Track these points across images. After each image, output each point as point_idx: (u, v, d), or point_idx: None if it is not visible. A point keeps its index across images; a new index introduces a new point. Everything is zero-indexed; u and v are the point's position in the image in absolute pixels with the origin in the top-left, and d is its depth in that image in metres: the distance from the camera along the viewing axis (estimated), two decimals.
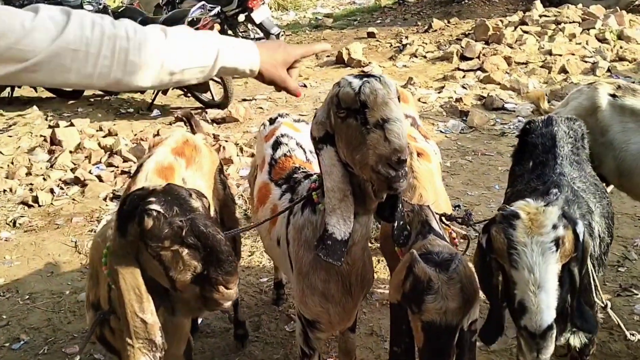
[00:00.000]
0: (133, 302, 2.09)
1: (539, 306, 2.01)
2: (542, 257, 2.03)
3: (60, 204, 6.00)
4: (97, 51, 1.51)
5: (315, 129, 2.31)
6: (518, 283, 2.07)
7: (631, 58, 8.91)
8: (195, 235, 1.98)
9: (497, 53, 9.39)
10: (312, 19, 14.52)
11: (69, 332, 4.14)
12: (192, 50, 1.72)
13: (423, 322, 2.12)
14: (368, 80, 2.09)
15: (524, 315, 2.04)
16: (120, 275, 2.08)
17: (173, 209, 2.00)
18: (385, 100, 2.05)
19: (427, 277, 2.09)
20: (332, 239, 2.27)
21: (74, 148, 7.11)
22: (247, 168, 6.26)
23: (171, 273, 2.02)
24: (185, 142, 3.21)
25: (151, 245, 1.99)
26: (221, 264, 2.00)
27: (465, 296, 2.11)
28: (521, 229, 2.08)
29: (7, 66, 1.40)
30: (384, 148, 1.99)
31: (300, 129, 3.39)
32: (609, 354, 3.60)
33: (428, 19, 12.41)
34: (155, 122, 8.26)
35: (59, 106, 9.07)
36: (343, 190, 2.26)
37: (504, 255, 2.12)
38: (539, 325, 2.01)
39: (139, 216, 1.98)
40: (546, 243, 2.04)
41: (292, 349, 3.86)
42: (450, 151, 6.61)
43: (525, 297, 2.04)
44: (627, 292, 4.13)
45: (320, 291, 2.59)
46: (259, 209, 3.09)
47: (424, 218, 2.53)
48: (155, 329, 2.14)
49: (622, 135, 3.48)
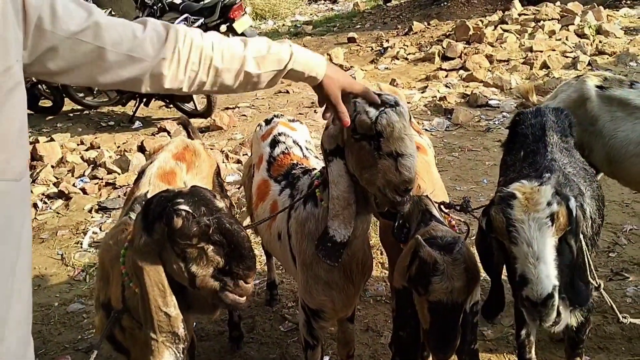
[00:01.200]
0: (157, 297, 2.20)
1: (539, 276, 2.11)
2: (539, 232, 2.15)
3: (45, 218, 5.94)
4: (187, 59, 1.72)
5: (327, 141, 2.41)
6: (518, 257, 2.18)
7: (611, 51, 9.04)
8: (222, 232, 2.10)
9: (478, 52, 9.49)
10: (291, 27, 14.54)
11: (60, 343, 4.10)
12: (268, 55, 1.91)
13: (430, 302, 2.20)
14: (385, 111, 2.17)
15: (526, 286, 2.14)
16: (145, 272, 2.18)
17: (200, 208, 2.12)
18: (401, 136, 2.16)
19: (432, 259, 2.18)
20: (332, 242, 2.41)
21: (55, 163, 7.06)
22: (233, 174, 6.30)
23: (194, 269, 2.13)
24: (185, 148, 3.31)
25: (180, 242, 2.10)
26: (243, 259, 2.12)
27: (469, 276, 2.21)
28: (518, 208, 2.20)
29: (124, 71, 1.58)
30: (394, 177, 2.14)
31: (296, 128, 3.50)
32: (603, 336, 3.65)
33: (408, 22, 12.48)
34: (137, 133, 8.24)
35: (38, 122, 9.01)
36: (347, 199, 2.40)
37: (504, 233, 2.23)
38: (540, 294, 2.10)
39: (168, 216, 2.09)
40: (542, 219, 2.16)
41: (288, 348, 3.85)
42: (437, 148, 6.57)
43: (526, 270, 2.14)
44: (618, 276, 4.19)
45: (324, 280, 2.70)
46: (258, 205, 3.16)
47: (424, 207, 2.61)
48: (179, 321, 2.25)
49: (611, 124, 3.61)
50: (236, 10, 9.26)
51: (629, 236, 4.65)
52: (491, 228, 2.30)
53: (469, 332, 2.39)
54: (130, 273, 2.29)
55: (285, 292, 4.43)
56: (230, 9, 9.22)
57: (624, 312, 3.61)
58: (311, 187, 2.69)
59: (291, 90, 9.29)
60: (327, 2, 17.68)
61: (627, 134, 3.52)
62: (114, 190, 6.32)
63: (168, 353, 2.25)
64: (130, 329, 2.43)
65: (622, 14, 11.13)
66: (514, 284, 2.24)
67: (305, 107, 8.38)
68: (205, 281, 2.14)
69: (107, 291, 2.49)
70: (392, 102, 2.21)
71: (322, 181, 2.56)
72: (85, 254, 5.18)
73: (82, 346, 4.04)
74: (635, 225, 4.78)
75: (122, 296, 2.39)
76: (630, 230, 4.72)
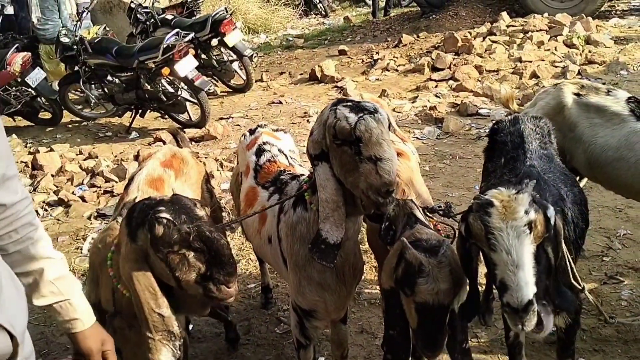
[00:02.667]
0: (149, 300, 2.28)
1: (518, 283, 2.14)
2: (518, 240, 2.18)
3: (45, 225, 5.98)
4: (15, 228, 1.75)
5: (312, 147, 2.49)
6: (498, 264, 2.21)
7: (600, 61, 9.10)
8: (202, 240, 2.19)
9: (467, 63, 9.56)
10: (282, 40, 14.67)
11: (62, 343, 4.17)
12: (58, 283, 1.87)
13: (417, 303, 2.28)
14: (363, 117, 2.27)
15: (506, 292, 2.17)
16: (134, 277, 2.27)
17: (181, 216, 2.21)
18: (379, 141, 2.25)
19: (418, 261, 2.25)
20: (326, 244, 2.47)
21: (55, 172, 7.15)
22: (227, 182, 6.34)
23: (177, 273, 2.22)
24: (173, 156, 3.37)
25: (161, 249, 2.19)
26: (224, 266, 2.21)
27: (454, 278, 2.28)
28: (496, 216, 2.22)
29: None
30: (375, 180, 2.22)
31: (280, 137, 3.57)
32: (599, 339, 3.69)
33: (397, 34, 12.55)
34: (134, 143, 8.32)
35: (38, 133, 9.12)
36: (336, 201, 2.46)
37: (483, 240, 2.26)
38: (520, 300, 2.13)
39: (150, 223, 2.18)
40: (520, 227, 2.18)
41: (284, 350, 3.92)
42: (428, 156, 6.72)
43: (505, 277, 2.17)
44: (613, 280, 4.24)
45: (317, 281, 2.74)
46: (246, 211, 3.21)
47: (409, 211, 2.68)
48: (172, 320, 2.34)
49: (590, 130, 3.69)
50: (227, 25, 9.43)
51: (623, 241, 4.70)
52: (470, 234, 2.33)
53: (459, 332, 2.46)
54: (118, 276, 2.38)
55: (281, 296, 4.50)
56: (220, 23, 9.40)
57: (620, 314, 3.80)
58: (300, 190, 2.75)
59: (284, 100, 9.39)
60: (319, 16, 17.80)
61: (606, 140, 3.60)
62: (112, 197, 6.40)
63: (165, 350, 2.34)
64: (120, 329, 2.51)
65: (612, 24, 11.21)
66: (497, 288, 2.26)
67: (298, 117, 8.47)
68: (190, 285, 2.24)
69: (97, 292, 2.57)
70: (371, 109, 2.31)
71: (310, 185, 2.63)
72: (85, 259, 5.19)
73: None
74: (629, 230, 4.83)
75: (112, 298, 2.48)
76: (624, 235, 4.77)
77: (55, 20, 9.74)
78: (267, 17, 16.23)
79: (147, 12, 10.18)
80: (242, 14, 15.25)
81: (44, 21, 9.77)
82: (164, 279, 2.29)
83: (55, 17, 9.76)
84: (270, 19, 16.25)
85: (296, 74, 11.09)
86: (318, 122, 2.49)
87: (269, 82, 10.70)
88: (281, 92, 10.00)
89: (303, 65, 11.83)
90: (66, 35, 8.62)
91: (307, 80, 10.59)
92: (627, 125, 3.56)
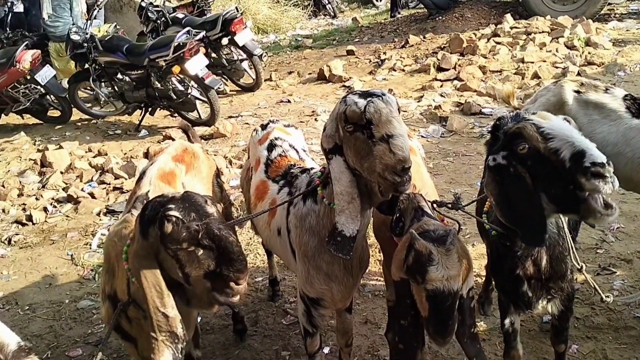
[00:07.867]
0: (155, 299, 2.33)
1: (593, 145, 2.28)
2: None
3: (54, 221, 6.12)
4: None
5: (325, 141, 2.58)
6: (562, 144, 2.32)
7: (599, 62, 9.28)
8: (210, 237, 2.23)
9: (472, 63, 9.68)
10: (292, 40, 14.76)
11: (71, 337, 4.27)
12: None
13: (428, 290, 2.36)
14: (372, 100, 2.36)
15: (585, 158, 2.24)
16: (142, 274, 2.32)
17: (190, 214, 2.25)
18: (389, 119, 2.33)
19: (427, 250, 2.35)
20: (342, 236, 2.54)
21: (64, 169, 7.24)
22: (236, 179, 6.44)
23: (186, 270, 2.26)
24: (184, 150, 3.43)
25: (170, 246, 2.24)
26: (233, 263, 2.24)
27: (462, 264, 2.38)
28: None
29: None
30: (389, 159, 2.29)
31: (291, 133, 3.66)
32: (591, 327, 3.84)
33: (404, 35, 12.64)
34: (143, 141, 8.40)
35: (47, 131, 9.19)
36: (351, 193, 2.53)
37: (536, 139, 2.38)
38: (601, 155, 2.23)
39: (160, 221, 2.22)
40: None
41: (290, 340, 4.02)
42: (432, 153, 6.83)
43: (578, 144, 2.28)
44: (606, 271, 4.40)
45: (325, 272, 2.84)
46: (257, 204, 3.30)
47: (416, 204, 2.77)
48: (176, 321, 2.37)
49: (588, 126, 3.77)
50: (237, 24, 9.49)
51: (616, 234, 4.86)
52: (516, 154, 2.42)
53: (468, 316, 2.55)
54: (130, 270, 2.42)
55: (287, 289, 4.60)
56: (231, 22, 9.46)
57: (612, 304, 3.91)
58: (310, 184, 2.83)
59: (292, 99, 9.48)
60: (327, 17, 17.92)
61: (604, 136, 3.68)
62: (122, 194, 6.48)
63: (168, 352, 2.37)
64: (136, 319, 2.54)
65: (611, 27, 11.39)
66: (572, 168, 2.27)
67: (307, 116, 8.55)
68: (198, 281, 2.27)
69: (113, 284, 2.60)
70: (378, 93, 2.39)
71: (322, 179, 2.71)
72: (94, 255, 5.36)
73: (92, 340, 4.21)
74: (622, 223, 4.97)
75: (127, 289, 2.50)
76: (618, 228, 4.92)
77: (67, 17, 9.73)
78: (277, 17, 16.32)
79: (158, 11, 10.21)
80: (252, 14, 15.30)
81: (55, 18, 9.72)
82: (173, 275, 2.33)
83: (66, 15, 9.74)
84: (279, 19, 16.33)
85: (305, 74, 11.21)
86: (330, 118, 2.58)
87: (277, 82, 10.78)
88: (290, 91, 10.10)
89: (311, 65, 11.92)
90: (77, 32, 8.61)
91: (315, 80, 10.69)
92: (623, 122, 3.66)
